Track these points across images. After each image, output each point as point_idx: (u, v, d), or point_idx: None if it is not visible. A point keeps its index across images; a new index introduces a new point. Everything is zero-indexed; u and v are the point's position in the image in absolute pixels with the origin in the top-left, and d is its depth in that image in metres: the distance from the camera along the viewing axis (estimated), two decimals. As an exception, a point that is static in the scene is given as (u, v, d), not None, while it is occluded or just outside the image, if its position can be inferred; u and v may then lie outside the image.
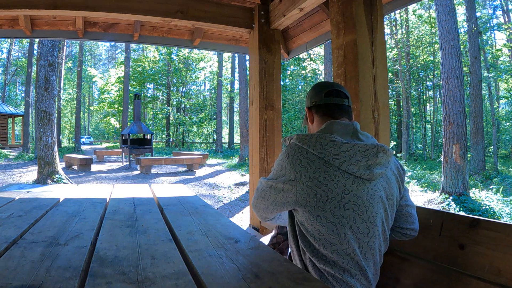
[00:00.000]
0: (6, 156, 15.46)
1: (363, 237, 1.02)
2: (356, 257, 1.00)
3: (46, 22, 2.95)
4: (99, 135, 39.15)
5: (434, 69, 17.67)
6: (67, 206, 1.55)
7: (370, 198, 1.02)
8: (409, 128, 18.95)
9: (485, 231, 1.06)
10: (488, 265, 1.02)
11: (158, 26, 3.21)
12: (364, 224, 1.01)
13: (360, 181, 1.01)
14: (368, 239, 1.02)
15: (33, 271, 0.74)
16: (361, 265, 1.01)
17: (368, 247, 1.03)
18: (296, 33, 3.21)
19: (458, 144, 7.63)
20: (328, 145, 1.02)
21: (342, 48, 1.80)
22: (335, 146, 1.01)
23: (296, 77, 21.11)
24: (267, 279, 0.72)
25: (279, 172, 1.07)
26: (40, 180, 8.62)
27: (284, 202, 1.05)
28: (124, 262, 0.81)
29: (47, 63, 8.72)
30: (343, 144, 1.02)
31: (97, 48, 40.34)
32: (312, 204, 0.99)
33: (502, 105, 22.80)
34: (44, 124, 8.64)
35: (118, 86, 23.81)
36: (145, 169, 10.99)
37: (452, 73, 7.91)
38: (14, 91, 33.15)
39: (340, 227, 0.99)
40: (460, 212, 6.50)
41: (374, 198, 1.03)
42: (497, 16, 20.99)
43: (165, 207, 1.56)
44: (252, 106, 2.79)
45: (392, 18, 17.16)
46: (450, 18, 8.26)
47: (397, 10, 8.30)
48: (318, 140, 1.04)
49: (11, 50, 26.26)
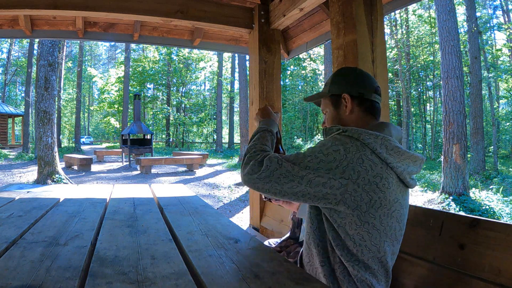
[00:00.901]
0: (6, 156, 15.46)
1: (396, 244, 1.03)
2: (386, 264, 1.01)
3: (46, 22, 2.95)
4: (99, 135, 39.16)
5: (434, 69, 17.67)
6: (67, 206, 1.55)
7: (406, 207, 1.06)
8: (409, 128, 18.96)
9: (485, 231, 1.06)
10: (488, 265, 1.02)
11: (158, 26, 3.21)
12: (400, 233, 1.03)
13: (404, 190, 1.02)
14: (398, 246, 1.05)
15: (33, 271, 0.74)
16: (387, 271, 1.02)
17: (395, 253, 1.05)
18: (296, 33, 3.21)
19: (458, 144, 7.63)
20: (393, 150, 0.97)
21: (342, 48, 1.80)
22: (399, 154, 0.97)
23: (296, 77, 21.11)
24: (267, 279, 0.72)
25: (325, 164, 0.93)
26: (40, 180, 8.62)
27: (321, 197, 0.93)
28: (124, 262, 0.81)
29: (47, 63, 8.72)
30: (404, 152, 0.99)
31: (97, 48, 40.36)
32: (364, 209, 0.94)
33: (502, 105, 22.80)
34: (44, 124, 8.64)
35: (118, 86, 23.82)
36: (145, 169, 10.99)
37: (452, 73, 7.91)
38: (14, 91, 33.16)
39: (383, 235, 0.97)
40: (460, 212, 6.50)
41: (407, 206, 1.07)
42: (497, 16, 21.00)
43: (165, 207, 1.56)
44: (252, 106, 2.79)
45: (392, 18, 17.17)
46: (450, 18, 8.27)
47: (397, 10, 8.31)
48: (383, 143, 0.96)
49: (11, 50, 26.27)
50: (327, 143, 0.97)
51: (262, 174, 0.96)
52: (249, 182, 0.99)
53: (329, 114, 1.17)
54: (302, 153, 0.98)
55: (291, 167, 0.95)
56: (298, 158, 0.97)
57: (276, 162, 0.97)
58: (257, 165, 0.99)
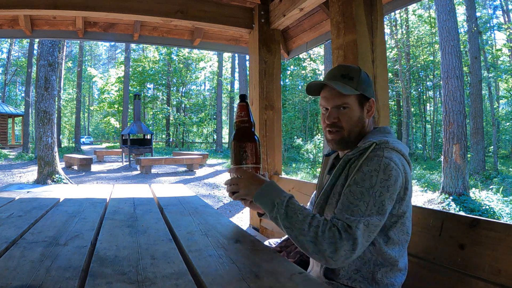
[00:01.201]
0: (6, 156, 15.46)
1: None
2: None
3: (46, 22, 2.95)
4: (99, 135, 39.15)
5: (434, 69, 17.67)
6: (67, 206, 1.55)
7: None
8: (409, 128, 18.96)
9: (485, 231, 1.06)
10: (488, 265, 1.02)
11: (158, 26, 3.21)
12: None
13: None
14: None
15: (33, 271, 0.74)
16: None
17: None
18: (296, 33, 3.21)
19: (458, 144, 7.63)
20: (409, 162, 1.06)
21: (342, 48, 1.80)
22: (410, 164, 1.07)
23: (296, 77, 21.10)
24: (267, 279, 0.73)
25: (392, 187, 0.94)
26: (40, 180, 8.62)
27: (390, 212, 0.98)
28: (124, 262, 0.81)
29: (47, 63, 8.72)
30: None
31: (97, 48, 40.35)
32: (409, 218, 1.04)
33: (502, 105, 22.80)
34: (44, 124, 8.64)
35: (118, 86, 23.81)
36: (145, 169, 10.99)
37: (452, 73, 7.91)
38: (14, 91, 33.16)
39: (407, 240, 1.06)
40: (460, 212, 6.50)
41: None
42: (497, 16, 20.99)
43: (165, 207, 1.56)
44: (252, 106, 2.79)
45: (392, 18, 17.16)
46: (450, 18, 8.27)
47: (397, 10, 8.31)
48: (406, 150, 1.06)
49: (11, 50, 26.27)
50: (381, 167, 0.94)
51: (358, 247, 0.89)
52: (349, 260, 0.90)
53: (352, 113, 1.08)
54: (373, 195, 0.92)
55: (378, 219, 0.92)
56: (376, 203, 0.92)
57: (365, 227, 0.90)
58: (350, 245, 0.88)
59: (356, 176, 0.97)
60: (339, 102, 1.08)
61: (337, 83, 1.07)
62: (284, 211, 0.96)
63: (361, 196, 0.93)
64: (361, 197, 0.93)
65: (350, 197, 0.94)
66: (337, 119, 1.09)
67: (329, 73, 1.15)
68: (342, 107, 1.08)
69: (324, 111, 1.13)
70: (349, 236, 0.88)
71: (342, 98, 1.07)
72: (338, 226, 0.91)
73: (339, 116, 1.09)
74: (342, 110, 1.08)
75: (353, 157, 1.04)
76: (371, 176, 0.94)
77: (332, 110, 1.10)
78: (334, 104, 1.09)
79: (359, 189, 0.94)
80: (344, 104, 1.08)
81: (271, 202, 0.99)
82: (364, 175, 0.95)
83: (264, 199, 1.01)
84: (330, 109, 1.10)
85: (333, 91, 1.08)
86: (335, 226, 0.91)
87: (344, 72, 1.10)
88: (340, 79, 1.08)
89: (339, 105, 1.08)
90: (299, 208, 0.96)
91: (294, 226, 0.93)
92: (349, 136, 1.09)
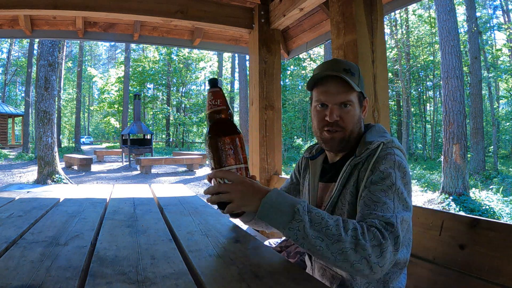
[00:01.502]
0: (6, 156, 15.46)
1: None
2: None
3: (46, 22, 2.95)
4: (99, 135, 39.17)
5: (434, 69, 17.68)
6: (67, 206, 1.55)
7: None
8: (409, 128, 18.96)
9: (485, 231, 1.06)
10: (488, 265, 1.02)
11: (158, 26, 3.21)
12: None
13: None
14: None
15: (33, 271, 0.74)
16: None
17: None
18: (296, 33, 3.21)
19: (458, 144, 7.63)
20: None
21: (342, 48, 1.80)
22: None
23: (296, 77, 21.11)
24: (267, 279, 0.72)
25: (409, 180, 0.92)
26: (40, 180, 8.62)
27: None
28: (124, 262, 0.81)
29: (47, 63, 8.73)
30: None
31: (97, 48, 40.36)
32: (411, 216, 1.01)
33: (502, 105, 22.80)
34: (44, 124, 8.64)
35: (118, 86, 23.82)
36: (145, 169, 10.99)
37: (452, 73, 7.92)
38: (14, 91, 33.16)
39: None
40: (460, 212, 6.50)
41: None
42: (497, 16, 20.99)
43: (165, 207, 1.56)
44: (252, 106, 2.79)
45: (392, 18, 17.17)
46: (450, 18, 8.27)
47: (397, 10, 8.31)
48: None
49: (11, 50, 26.27)
50: (395, 164, 0.91)
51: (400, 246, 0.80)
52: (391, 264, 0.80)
53: (354, 111, 1.00)
54: (396, 191, 0.87)
55: (408, 215, 0.87)
56: (401, 199, 0.86)
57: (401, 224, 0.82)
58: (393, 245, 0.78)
59: (373, 176, 0.90)
60: (343, 98, 0.98)
61: (342, 75, 0.96)
62: (308, 218, 0.78)
63: (385, 194, 0.85)
64: (386, 195, 0.85)
65: (374, 197, 0.86)
66: (339, 117, 0.99)
67: (327, 66, 1.02)
68: (346, 105, 0.99)
69: (320, 107, 1.01)
70: (392, 235, 0.78)
71: (347, 95, 0.97)
72: (376, 225, 0.79)
73: (341, 114, 0.99)
74: (345, 108, 0.99)
75: (361, 160, 0.97)
76: (390, 174, 0.88)
77: (334, 107, 0.98)
78: (337, 101, 0.98)
79: (380, 187, 0.87)
80: (348, 101, 0.98)
81: (289, 211, 0.79)
82: (382, 173, 0.89)
83: (275, 211, 0.81)
84: (331, 106, 0.98)
85: (338, 85, 0.97)
86: (373, 225, 0.79)
87: (346, 66, 1.00)
88: (344, 73, 0.97)
89: (342, 102, 0.98)
90: (321, 212, 0.81)
91: (327, 234, 0.76)
92: (349, 137, 1.02)
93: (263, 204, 0.82)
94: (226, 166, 0.88)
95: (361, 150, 0.98)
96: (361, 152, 0.97)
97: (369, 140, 0.99)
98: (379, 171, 0.90)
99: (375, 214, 0.82)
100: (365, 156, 0.96)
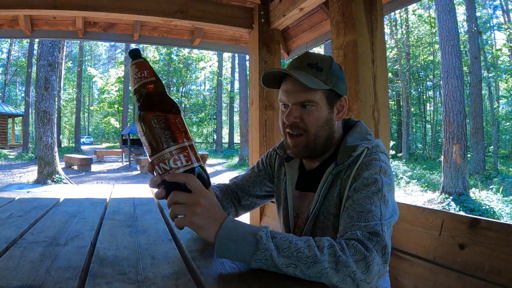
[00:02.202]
0: (6, 156, 15.46)
1: None
2: None
3: (46, 22, 2.95)
4: (99, 135, 39.18)
5: (434, 69, 17.68)
6: (67, 206, 1.55)
7: None
8: (409, 128, 18.96)
9: (485, 231, 1.06)
10: (488, 265, 1.02)
11: (158, 26, 3.21)
12: None
13: None
14: None
15: (33, 271, 0.74)
16: None
17: None
18: (296, 33, 3.21)
19: (458, 144, 7.64)
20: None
21: (342, 48, 1.80)
22: None
23: (296, 77, 21.08)
24: (267, 279, 0.72)
25: (394, 196, 0.87)
26: (40, 180, 8.63)
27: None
28: (124, 262, 0.81)
29: (47, 63, 8.73)
30: None
31: (97, 48, 40.35)
32: None
33: (502, 105, 22.80)
34: (44, 124, 8.64)
35: (118, 86, 23.82)
36: (145, 169, 10.98)
37: (452, 73, 7.92)
38: (14, 91, 33.16)
39: None
40: (460, 212, 6.50)
41: None
42: (497, 16, 20.99)
43: (165, 207, 1.56)
44: (252, 106, 2.79)
45: (392, 18, 17.17)
46: (450, 18, 8.27)
47: (397, 10, 8.31)
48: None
49: (11, 50, 26.28)
50: (381, 170, 0.84)
51: (389, 256, 0.73)
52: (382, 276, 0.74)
53: (318, 113, 0.90)
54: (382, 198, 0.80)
55: (394, 220, 0.82)
56: (387, 205, 0.80)
57: (388, 230, 0.76)
58: (381, 256, 0.71)
59: (356, 184, 0.84)
60: (302, 98, 0.89)
61: (301, 74, 0.87)
62: (274, 245, 0.68)
63: (370, 201, 0.79)
64: (371, 202, 0.79)
65: (358, 207, 0.79)
66: (298, 118, 0.90)
67: (293, 62, 0.94)
68: (306, 105, 0.90)
69: (284, 108, 0.94)
70: (378, 245, 0.71)
71: (307, 94, 0.88)
72: (358, 237, 0.72)
73: (302, 115, 0.90)
74: (306, 108, 0.90)
75: (343, 168, 0.90)
76: (375, 180, 0.82)
77: (293, 108, 0.90)
78: (296, 100, 0.90)
79: (365, 194, 0.80)
80: (308, 101, 0.89)
81: (251, 240, 0.68)
82: (366, 180, 0.82)
83: (235, 244, 0.69)
84: (290, 106, 0.91)
85: (296, 83, 0.88)
86: (354, 239, 0.72)
87: (312, 61, 0.90)
88: (307, 69, 0.89)
89: (302, 102, 0.89)
90: (287, 235, 0.72)
91: (299, 258, 0.67)
92: (314, 141, 0.91)
93: (220, 239, 0.69)
94: (168, 147, 0.71)
95: (343, 157, 0.89)
96: (343, 160, 0.89)
97: (350, 144, 0.91)
98: (363, 178, 0.83)
99: (357, 225, 0.75)
100: (347, 164, 0.89)
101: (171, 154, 0.72)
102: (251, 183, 1.16)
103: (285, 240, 0.70)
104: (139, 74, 0.75)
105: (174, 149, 0.72)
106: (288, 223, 1.03)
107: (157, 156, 0.72)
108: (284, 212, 1.05)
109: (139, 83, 0.75)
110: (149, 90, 0.74)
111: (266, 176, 1.16)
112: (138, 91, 0.75)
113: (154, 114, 0.72)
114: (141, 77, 0.75)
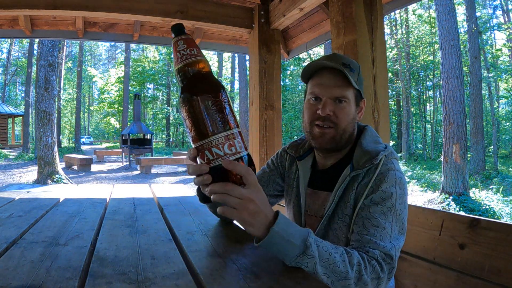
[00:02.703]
0: (6, 156, 15.46)
1: None
2: None
3: (46, 22, 2.95)
4: (99, 135, 39.17)
5: (434, 69, 17.67)
6: (67, 206, 1.55)
7: None
8: (409, 128, 18.96)
9: (485, 231, 1.06)
10: (488, 265, 1.02)
11: (158, 26, 3.21)
12: None
13: None
14: None
15: (33, 271, 0.74)
16: None
17: None
18: (296, 33, 3.21)
19: (458, 144, 7.63)
20: None
21: (342, 48, 1.80)
22: None
23: (296, 77, 21.10)
24: (267, 279, 0.72)
25: (406, 205, 0.91)
26: (40, 180, 8.63)
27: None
28: (124, 262, 0.81)
29: (47, 63, 8.73)
30: None
31: (97, 48, 40.34)
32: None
33: (502, 105, 22.80)
34: (44, 124, 8.64)
35: (118, 86, 23.84)
36: (145, 169, 10.99)
37: (452, 73, 7.92)
38: (14, 91, 33.15)
39: None
40: (460, 212, 6.50)
41: None
42: (497, 16, 20.99)
43: (165, 207, 1.56)
44: (252, 106, 2.79)
45: (392, 18, 17.17)
46: (450, 18, 8.27)
47: (397, 10, 8.31)
48: None
49: (11, 50, 26.27)
50: (396, 182, 0.89)
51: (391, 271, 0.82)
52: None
53: (349, 109, 0.95)
54: (395, 213, 0.86)
55: (403, 240, 0.88)
56: (398, 222, 0.87)
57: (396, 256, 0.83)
58: (388, 275, 0.82)
59: (374, 195, 0.88)
60: (339, 93, 0.93)
61: (344, 70, 0.91)
62: (318, 254, 0.73)
63: (385, 217, 0.85)
64: (385, 218, 0.85)
65: (374, 220, 0.85)
66: (332, 112, 0.93)
67: (326, 58, 0.97)
68: (341, 100, 0.93)
69: (314, 101, 0.96)
70: (389, 266, 0.80)
71: (343, 90, 0.93)
72: (377, 257, 0.80)
73: (335, 109, 0.93)
74: (340, 103, 0.93)
75: (361, 173, 0.93)
76: (391, 194, 0.87)
77: (328, 101, 0.93)
78: (332, 95, 0.93)
79: (381, 209, 0.86)
80: (344, 97, 0.93)
81: (301, 245, 0.71)
82: (383, 193, 0.87)
83: (286, 243, 0.71)
84: (325, 99, 0.93)
85: (336, 78, 0.92)
86: (374, 258, 0.80)
87: (346, 61, 0.94)
88: (342, 67, 0.92)
89: (337, 97, 0.93)
90: (327, 244, 0.77)
91: (334, 271, 0.73)
92: (341, 136, 0.95)
93: (273, 235, 0.70)
94: (219, 133, 0.66)
95: (360, 160, 0.93)
96: (362, 165, 0.92)
97: (366, 148, 0.95)
98: (381, 191, 0.88)
99: (375, 243, 0.82)
100: (365, 170, 0.93)
101: (228, 138, 0.66)
102: (264, 182, 1.18)
103: (326, 250, 0.74)
104: (188, 51, 0.68)
105: (229, 134, 0.66)
106: (300, 221, 1.05)
107: (209, 140, 0.65)
108: (295, 209, 1.08)
109: (187, 60, 0.67)
110: (201, 70, 0.68)
111: (278, 175, 1.19)
112: (183, 70, 0.68)
113: (208, 95, 0.66)
114: (191, 55, 0.68)
